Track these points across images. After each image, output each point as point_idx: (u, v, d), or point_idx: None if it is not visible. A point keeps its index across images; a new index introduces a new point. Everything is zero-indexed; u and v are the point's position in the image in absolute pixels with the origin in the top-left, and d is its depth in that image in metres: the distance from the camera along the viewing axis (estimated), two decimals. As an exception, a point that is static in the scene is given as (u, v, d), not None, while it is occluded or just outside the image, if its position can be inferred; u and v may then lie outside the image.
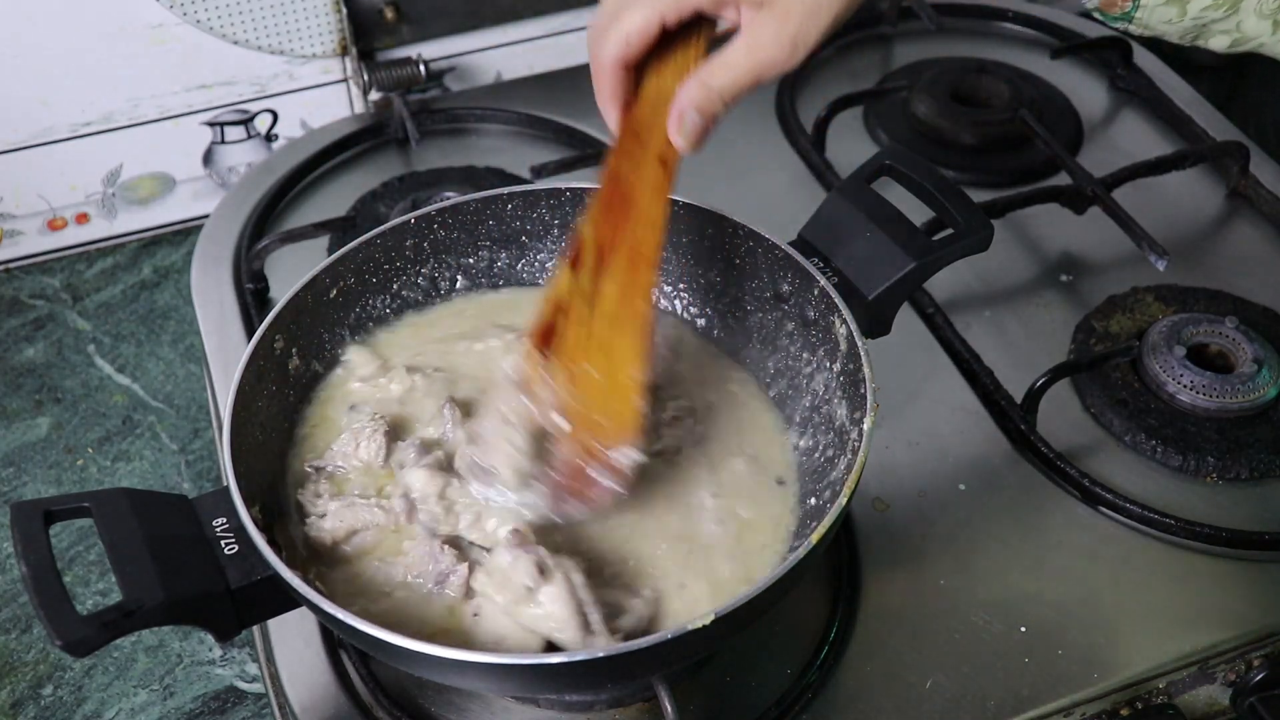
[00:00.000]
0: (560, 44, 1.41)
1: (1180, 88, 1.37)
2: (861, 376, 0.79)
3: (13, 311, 1.30)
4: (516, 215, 0.95)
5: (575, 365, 0.78)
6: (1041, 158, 1.27)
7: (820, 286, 0.85)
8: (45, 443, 1.18)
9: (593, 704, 0.85)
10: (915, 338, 1.09)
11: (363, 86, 1.32)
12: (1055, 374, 1.03)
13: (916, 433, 1.01)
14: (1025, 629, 0.89)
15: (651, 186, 0.80)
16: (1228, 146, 1.25)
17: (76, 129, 1.28)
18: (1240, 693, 0.91)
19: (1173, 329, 1.06)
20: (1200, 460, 0.99)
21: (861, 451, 0.75)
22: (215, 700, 1.00)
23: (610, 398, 0.78)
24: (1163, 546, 0.95)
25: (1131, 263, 1.16)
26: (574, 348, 0.78)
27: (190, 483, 1.15)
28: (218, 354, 1.09)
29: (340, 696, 0.86)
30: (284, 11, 1.27)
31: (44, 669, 1.02)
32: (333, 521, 0.80)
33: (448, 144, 1.31)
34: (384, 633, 0.68)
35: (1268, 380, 1.02)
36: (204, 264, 1.18)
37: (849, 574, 0.92)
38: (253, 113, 1.33)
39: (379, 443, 0.84)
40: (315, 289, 0.88)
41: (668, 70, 0.80)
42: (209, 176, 1.36)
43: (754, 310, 0.92)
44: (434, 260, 0.94)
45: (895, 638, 0.89)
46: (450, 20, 1.35)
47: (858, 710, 0.85)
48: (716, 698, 0.85)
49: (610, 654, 0.68)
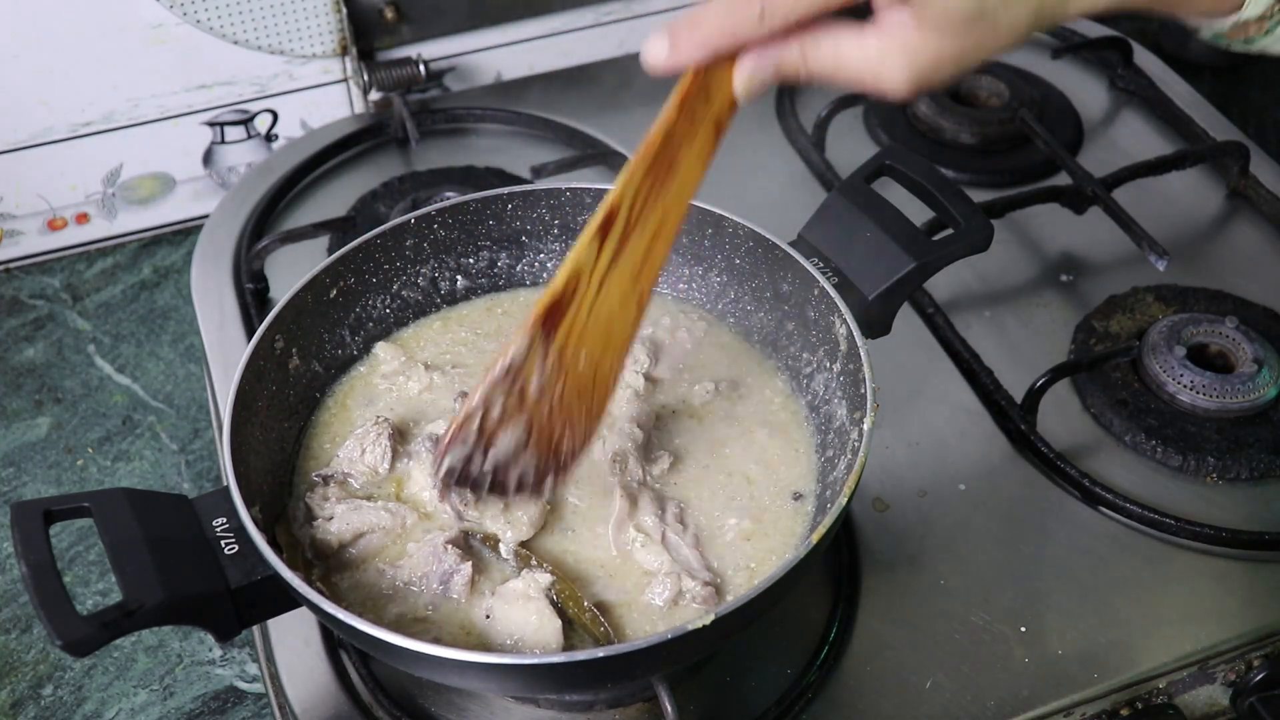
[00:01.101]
0: (560, 44, 1.41)
1: (1180, 88, 1.37)
2: (861, 376, 0.79)
3: (13, 311, 1.30)
4: (516, 215, 0.95)
5: (570, 350, 0.74)
6: (1041, 158, 1.27)
7: (820, 286, 0.85)
8: (45, 443, 1.18)
9: (593, 704, 0.85)
10: (915, 338, 1.09)
11: (363, 86, 1.32)
12: (1055, 374, 1.03)
13: (916, 433, 1.01)
14: (1025, 629, 0.89)
15: (698, 152, 0.73)
16: (1228, 146, 1.25)
17: (76, 129, 1.28)
18: (1240, 693, 0.91)
19: (1173, 329, 1.06)
20: (1200, 460, 0.99)
21: (861, 451, 0.75)
22: (215, 700, 1.00)
23: (589, 392, 0.76)
24: (1163, 546, 0.95)
25: (1131, 263, 1.16)
26: (575, 331, 0.73)
27: (190, 483, 1.15)
28: (218, 354, 1.09)
29: (340, 696, 0.86)
30: (284, 11, 1.27)
31: (44, 669, 1.02)
32: (339, 524, 0.80)
33: (448, 144, 1.31)
34: (384, 633, 0.68)
35: (1268, 380, 1.02)
36: (204, 264, 1.18)
37: (849, 574, 0.92)
38: (253, 113, 1.33)
39: (384, 446, 0.84)
40: (315, 289, 0.88)
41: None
42: (209, 176, 1.36)
43: (754, 310, 0.92)
44: (434, 260, 0.94)
45: (895, 638, 0.89)
46: (450, 20, 1.35)
47: (858, 710, 0.85)
48: (716, 698, 0.85)
49: (610, 654, 0.68)
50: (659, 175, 0.72)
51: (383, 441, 0.84)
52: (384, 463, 0.84)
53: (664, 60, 0.68)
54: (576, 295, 0.72)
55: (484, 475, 0.74)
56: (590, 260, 0.72)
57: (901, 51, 0.66)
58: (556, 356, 0.73)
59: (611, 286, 0.73)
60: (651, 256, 0.74)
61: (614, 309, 0.74)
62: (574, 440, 0.76)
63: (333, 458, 0.85)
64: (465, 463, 0.73)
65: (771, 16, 0.65)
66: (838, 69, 0.67)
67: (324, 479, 0.83)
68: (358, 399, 0.90)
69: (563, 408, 0.74)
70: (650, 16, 1.43)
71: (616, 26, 1.42)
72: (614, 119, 1.32)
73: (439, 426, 0.86)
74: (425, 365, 0.91)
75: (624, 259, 0.73)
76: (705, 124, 0.72)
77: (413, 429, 0.87)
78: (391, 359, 0.91)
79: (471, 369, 0.91)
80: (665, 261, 0.75)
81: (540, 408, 0.73)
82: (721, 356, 0.92)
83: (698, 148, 0.72)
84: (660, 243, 0.74)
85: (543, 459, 0.75)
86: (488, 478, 0.74)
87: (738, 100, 0.71)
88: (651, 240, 0.73)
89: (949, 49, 0.66)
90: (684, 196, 0.74)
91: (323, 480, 0.83)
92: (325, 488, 0.83)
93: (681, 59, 0.68)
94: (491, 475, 0.74)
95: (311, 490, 0.83)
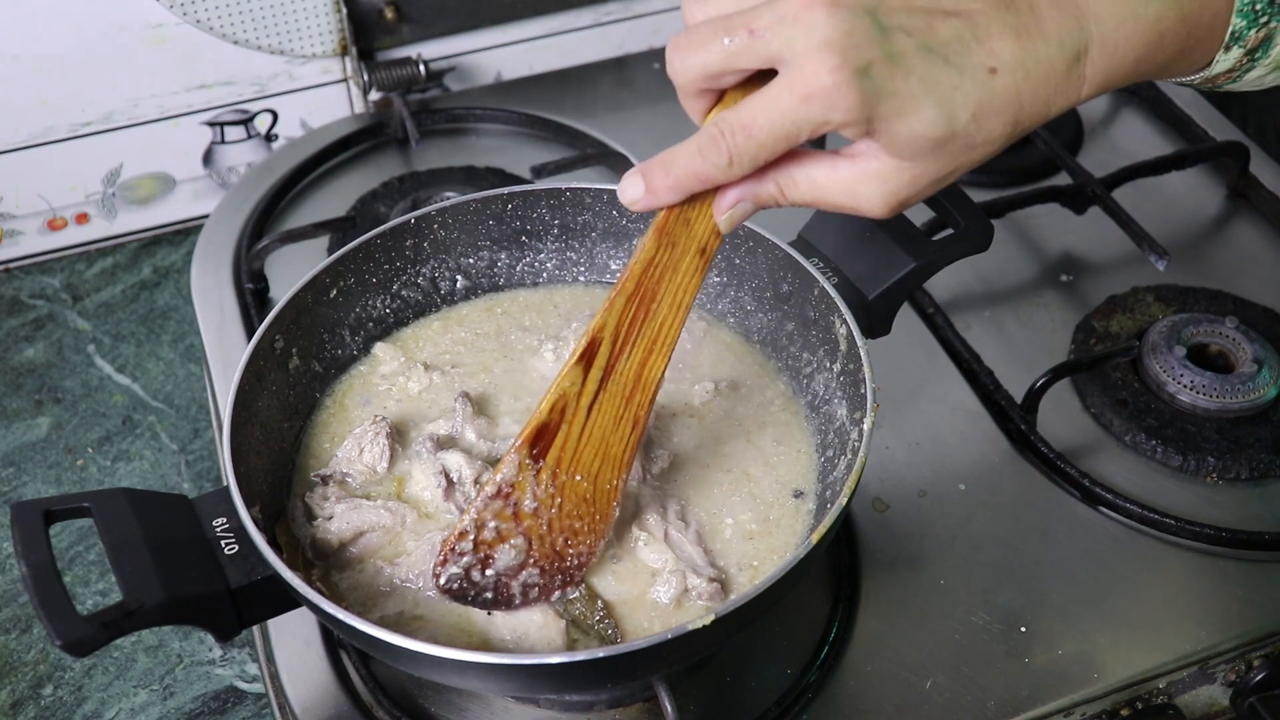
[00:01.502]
0: (560, 44, 1.41)
1: (1180, 88, 1.36)
2: (861, 376, 0.79)
3: (13, 311, 1.30)
4: (516, 215, 0.95)
5: (562, 471, 0.75)
6: (1041, 157, 1.27)
7: (820, 286, 0.85)
8: (45, 443, 1.18)
9: (593, 704, 0.85)
10: (915, 338, 1.09)
11: (363, 86, 1.32)
12: (1055, 374, 1.03)
13: (916, 433, 1.01)
14: (1025, 629, 0.89)
15: (685, 276, 0.72)
16: (1228, 146, 1.25)
17: (76, 129, 1.28)
18: (1240, 693, 0.91)
19: (1173, 329, 1.06)
20: (1200, 460, 0.99)
21: (861, 451, 0.75)
22: (215, 700, 1.00)
23: (591, 504, 0.76)
24: (1163, 546, 0.95)
25: (1131, 263, 1.16)
26: (566, 453, 0.74)
27: (190, 483, 1.15)
28: (218, 354, 1.09)
29: (340, 696, 0.86)
30: (284, 11, 1.27)
31: (44, 669, 1.02)
32: (339, 523, 0.80)
33: (448, 144, 1.31)
34: (384, 633, 0.68)
35: (1268, 380, 1.02)
36: (204, 264, 1.18)
37: (849, 574, 0.92)
38: (253, 113, 1.33)
39: (382, 446, 0.84)
40: (315, 289, 0.88)
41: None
42: (209, 176, 1.36)
43: (754, 310, 0.92)
44: (434, 260, 0.94)
45: (895, 638, 0.89)
46: (450, 20, 1.35)
47: (858, 710, 0.85)
48: (716, 698, 0.85)
49: (610, 654, 0.68)
50: (644, 302, 0.72)
51: (380, 440, 0.84)
52: (382, 461, 0.84)
53: (640, 202, 0.68)
54: (564, 420, 0.74)
55: (487, 584, 0.75)
56: (575, 387, 0.73)
57: (875, 179, 0.65)
58: (549, 477, 0.75)
59: (603, 408, 0.74)
60: (646, 374, 0.75)
61: (608, 429, 0.75)
62: (580, 550, 0.77)
63: (332, 457, 0.85)
64: (465, 573, 0.75)
65: (739, 164, 0.65)
66: (815, 198, 0.67)
67: (323, 479, 0.83)
68: (356, 398, 0.90)
69: (562, 522, 0.76)
70: (650, 16, 1.43)
71: (616, 26, 1.42)
72: (614, 119, 1.32)
73: (439, 426, 0.86)
74: (425, 365, 0.91)
75: (613, 382, 0.74)
76: (689, 251, 0.71)
77: (411, 430, 0.87)
78: (391, 359, 0.92)
79: (470, 368, 0.91)
80: (662, 378, 0.75)
81: (537, 523, 0.75)
82: (721, 356, 0.92)
83: (684, 272, 0.72)
84: (656, 358, 0.74)
85: (548, 570, 0.76)
86: (490, 587, 0.75)
87: (720, 232, 0.71)
88: (646, 357, 0.74)
89: (924, 172, 0.65)
90: (678, 314, 0.73)
91: (322, 480, 0.83)
92: (324, 487, 0.83)
93: (656, 201, 0.68)
94: (495, 585, 0.75)
95: (311, 490, 0.83)
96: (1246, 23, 0.71)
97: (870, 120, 0.62)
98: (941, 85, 0.63)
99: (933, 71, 0.63)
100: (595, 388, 0.73)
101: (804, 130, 0.63)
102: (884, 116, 0.62)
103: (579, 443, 0.75)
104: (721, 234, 0.71)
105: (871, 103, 0.61)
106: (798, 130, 0.63)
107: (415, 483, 0.83)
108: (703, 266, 0.72)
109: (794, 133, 0.63)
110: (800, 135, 0.63)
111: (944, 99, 0.63)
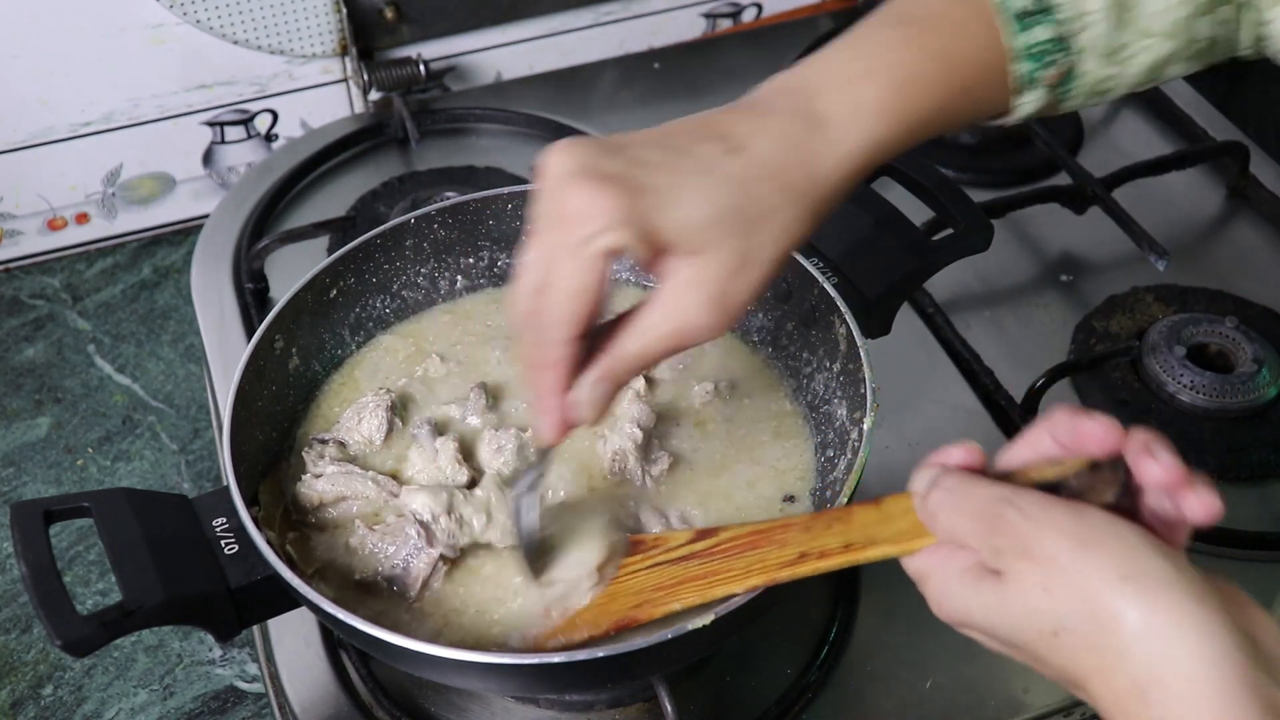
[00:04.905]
0: (560, 44, 1.41)
1: (1180, 88, 1.37)
2: (861, 376, 0.79)
3: (13, 311, 1.30)
4: (516, 215, 0.95)
5: (630, 578, 0.74)
6: (1041, 158, 1.27)
7: (820, 286, 0.85)
8: (45, 443, 1.18)
9: (593, 704, 0.85)
10: (915, 338, 1.09)
11: (363, 86, 1.32)
12: (1055, 374, 1.03)
13: (916, 433, 1.01)
14: (1025, 629, 0.89)
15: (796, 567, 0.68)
16: (1228, 146, 1.25)
17: (76, 129, 1.28)
18: (1240, 693, 0.91)
19: (1173, 329, 1.06)
20: (1200, 460, 0.99)
21: (861, 451, 0.75)
22: (215, 700, 1.00)
23: (616, 614, 0.74)
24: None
25: (1131, 263, 1.16)
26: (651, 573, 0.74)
27: (190, 483, 1.15)
28: (218, 354, 1.09)
29: (340, 696, 0.86)
30: (284, 11, 1.27)
31: (44, 669, 1.02)
32: (325, 484, 0.80)
33: (448, 144, 1.31)
34: (384, 633, 0.68)
35: (1268, 380, 1.02)
36: (204, 264, 1.18)
37: (849, 574, 0.92)
38: (253, 113, 1.34)
39: (380, 418, 0.84)
40: (315, 289, 0.88)
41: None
42: (209, 176, 1.36)
43: (754, 310, 0.92)
44: (434, 260, 0.94)
45: (895, 638, 0.89)
46: (450, 20, 1.35)
47: (858, 710, 0.85)
48: (716, 698, 0.85)
49: (610, 654, 0.68)
50: (749, 549, 0.70)
51: (380, 413, 0.84)
52: (379, 434, 0.84)
53: (549, 439, 0.68)
54: (649, 549, 0.75)
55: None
56: (682, 543, 0.74)
57: (689, 288, 0.63)
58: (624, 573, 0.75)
59: (666, 570, 0.73)
60: (688, 588, 0.72)
61: (649, 584, 0.74)
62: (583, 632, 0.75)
63: (334, 423, 0.86)
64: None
65: (552, 338, 0.63)
66: (650, 343, 0.65)
67: (321, 441, 0.84)
68: (365, 369, 0.91)
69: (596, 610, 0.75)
70: (650, 16, 1.43)
71: (616, 26, 1.42)
72: (614, 119, 1.32)
73: (445, 410, 0.86)
74: (440, 357, 0.91)
75: (686, 567, 0.72)
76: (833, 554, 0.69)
77: (414, 412, 0.87)
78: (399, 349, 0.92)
79: (476, 362, 0.91)
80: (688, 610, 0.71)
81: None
82: (721, 357, 0.92)
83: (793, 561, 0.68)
84: (711, 586, 0.70)
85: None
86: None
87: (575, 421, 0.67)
88: (708, 576, 0.71)
89: (727, 260, 0.63)
90: (748, 580, 0.69)
91: (320, 442, 0.84)
92: (324, 446, 0.83)
93: (550, 435, 0.67)
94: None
95: (309, 448, 0.83)
96: (1035, 65, 0.72)
97: (643, 221, 0.61)
98: (691, 171, 0.63)
99: (678, 162, 0.63)
100: (685, 555, 0.73)
101: (595, 265, 0.61)
102: (651, 211, 0.61)
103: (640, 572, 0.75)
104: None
105: (634, 199, 0.61)
106: (586, 270, 0.61)
107: (411, 465, 0.83)
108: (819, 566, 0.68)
109: (583, 274, 0.61)
110: (594, 272, 0.61)
111: (700, 182, 0.63)
